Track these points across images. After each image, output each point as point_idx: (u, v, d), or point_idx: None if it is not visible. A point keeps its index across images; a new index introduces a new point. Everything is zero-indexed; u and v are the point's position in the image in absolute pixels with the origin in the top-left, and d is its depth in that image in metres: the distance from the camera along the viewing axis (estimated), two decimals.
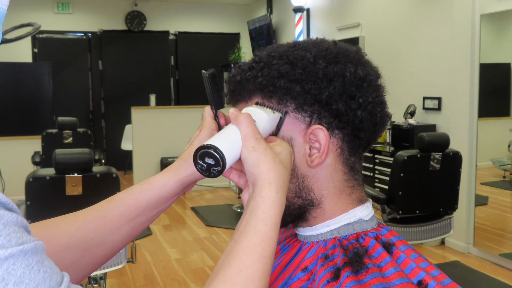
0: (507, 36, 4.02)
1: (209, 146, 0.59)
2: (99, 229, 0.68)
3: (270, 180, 0.58)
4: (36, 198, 2.33)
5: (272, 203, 0.57)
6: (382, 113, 0.71)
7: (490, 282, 2.70)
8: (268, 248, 0.56)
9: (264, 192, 0.58)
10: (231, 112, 0.64)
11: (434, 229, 3.00)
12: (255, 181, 0.59)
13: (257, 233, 0.56)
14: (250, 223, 0.57)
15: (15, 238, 0.40)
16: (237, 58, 7.97)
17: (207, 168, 0.60)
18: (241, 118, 0.62)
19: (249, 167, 0.60)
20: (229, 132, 0.62)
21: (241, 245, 0.55)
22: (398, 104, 4.63)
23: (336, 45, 0.71)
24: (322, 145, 0.66)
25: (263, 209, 0.57)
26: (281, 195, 0.59)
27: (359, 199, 0.72)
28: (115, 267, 2.47)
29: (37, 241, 0.42)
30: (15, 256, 0.39)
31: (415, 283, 0.62)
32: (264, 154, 0.59)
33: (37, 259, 0.41)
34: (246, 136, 0.61)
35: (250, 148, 0.60)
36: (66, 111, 7.06)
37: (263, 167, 0.59)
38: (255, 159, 0.59)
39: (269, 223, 0.56)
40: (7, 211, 0.42)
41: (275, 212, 0.57)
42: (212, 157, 0.59)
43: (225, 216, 5.22)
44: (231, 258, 0.55)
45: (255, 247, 0.55)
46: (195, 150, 0.60)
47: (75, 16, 7.75)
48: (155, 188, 0.70)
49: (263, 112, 0.66)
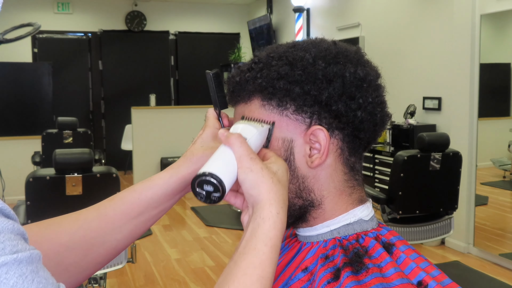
0: (507, 36, 4.02)
1: (206, 174, 0.58)
2: (101, 228, 0.68)
3: (271, 201, 0.58)
4: (36, 198, 2.33)
5: (272, 224, 0.57)
6: (382, 113, 0.70)
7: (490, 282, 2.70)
8: (267, 269, 0.55)
9: (265, 213, 0.57)
10: (220, 134, 0.62)
11: (434, 229, 3.00)
12: (254, 203, 0.59)
13: (256, 254, 0.55)
14: (249, 244, 0.56)
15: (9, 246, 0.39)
16: (237, 58, 7.97)
17: (207, 196, 0.59)
18: (232, 139, 0.61)
19: (247, 188, 0.59)
20: (223, 155, 0.61)
21: (240, 266, 0.55)
22: (398, 104, 4.63)
23: (335, 45, 0.71)
24: (322, 145, 0.66)
25: (264, 230, 0.56)
26: (282, 215, 0.58)
27: (359, 199, 0.72)
28: (115, 267, 2.47)
29: (33, 250, 0.42)
30: (8, 265, 0.39)
31: (415, 283, 0.62)
32: (262, 175, 0.59)
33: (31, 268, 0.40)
34: (240, 157, 0.60)
35: (246, 169, 0.59)
36: (66, 111, 7.06)
37: (262, 188, 0.58)
38: (253, 180, 0.58)
39: (269, 244, 0.56)
40: (4, 218, 0.41)
41: (276, 233, 0.57)
42: (210, 184, 0.58)
43: (225, 216, 5.22)
44: (230, 278, 0.54)
45: (254, 268, 0.54)
46: (192, 180, 0.59)
47: (75, 16, 7.75)
48: (157, 185, 0.70)
49: (252, 128, 0.65)
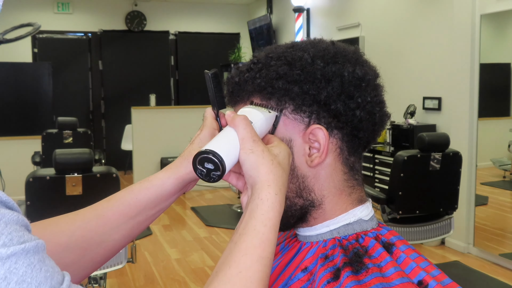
0: (507, 36, 4.02)
1: (208, 151, 0.59)
2: (99, 228, 0.68)
3: (269, 182, 0.58)
4: (36, 198, 2.33)
5: (271, 204, 0.57)
6: (381, 112, 0.71)
7: (490, 282, 2.70)
8: (267, 249, 0.56)
9: (263, 194, 0.58)
10: (227, 115, 0.64)
11: (434, 229, 3.00)
12: (253, 184, 0.59)
13: (256, 234, 0.56)
14: (249, 225, 0.57)
15: (16, 236, 0.40)
16: (237, 58, 7.97)
17: (207, 173, 0.60)
18: (237, 120, 0.62)
19: (247, 169, 0.60)
20: (227, 135, 0.62)
21: (240, 246, 0.55)
22: (398, 104, 4.63)
23: (334, 45, 0.71)
24: (321, 144, 0.66)
25: (262, 211, 0.57)
26: (280, 197, 0.58)
27: (359, 199, 0.72)
28: (115, 267, 2.47)
29: (38, 240, 0.42)
30: (17, 255, 0.39)
31: (415, 283, 0.62)
32: (262, 156, 0.59)
33: (38, 257, 0.41)
34: (243, 139, 0.61)
35: (248, 150, 0.60)
36: (66, 111, 7.06)
37: (261, 169, 0.59)
38: (253, 161, 0.59)
39: (268, 225, 0.56)
40: (8, 210, 0.42)
41: (274, 214, 0.57)
42: (211, 162, 0.59)
43: (225, 216, 5.22)
44: (231, 259, 0.55)
45: (254, 248, 0.55)
46: (194, 156, 0.60)
47: (75, 16, 7.75)
48: (155, 186, 0.70)
49: (259, 112, 0.66)
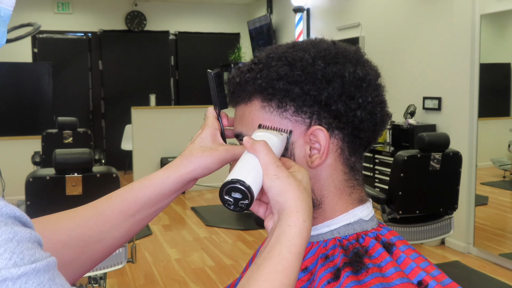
0: (507, 36, 4.02)
1: (234, 181, 0.58)
2: (98, 226, 0.68)
3: (298, 208, 0.58)
4: (36, 198, 2.33)
5: (298, 231, 0.57)
6: (382, 112, 0.70)
7: (490, 282, 2.70)
8: (290, 277, 0.55)
9: (291, 220, 0.57)
10: (245, 140, 0.63)
11: (434, 229, 3.00)
12: (281, 210, 0.58)
13: (280, 260, 0.55)
14: (274, 250, 0.56)
15: (28, 255, 0.40)
16: (237, 58, 7.97)
17: (235, 203, 0.59)
18: (258, 146, 0.61)
19: (274, 195, 0.59)
20: (249, 162, 0.61)
21: (263, 271, 0.55)
22: (398, 104, 4.63)
23: (335, 45, 0.71)
24: (322, 145, 0.66)
25: (289, 237, 0.56)
26: (308, 224, 0.58)
27: (359, 199, 0.72)
28: (115, 267, 2.47)
29: (50, 258, 0.42)
30: (27, 275, 0.39)
31: (415, 283, 0.62)
32: (288, 182, 0.59)
33: (48, 276, 0.41)
34: (266, 165, 0.60)
35: (272, 176, 0.59)
36: (66, 111, 7.06)
37: (289, 195, 0.58)
38: (279, 187, 0.59)
39: (293, 252, 0.56)
40: (21, 227, 0.42)
41: (301, 241, 0.57)
42: (238, 191, 0.59)
43: (225, 216, 5.21)
44: (252, 282, 0.54)
45: (277, 274, 0.54)
46: (221, 187, 0.60)
47: (75, 16, 7.75)
48: (155, 184, 0.70)
49: (273, 136, 0.66)
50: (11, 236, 0.40)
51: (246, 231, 4.62)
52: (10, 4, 0.47)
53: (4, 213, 0.42)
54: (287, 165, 0.64)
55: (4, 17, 0.47)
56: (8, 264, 0.39)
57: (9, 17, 0.47)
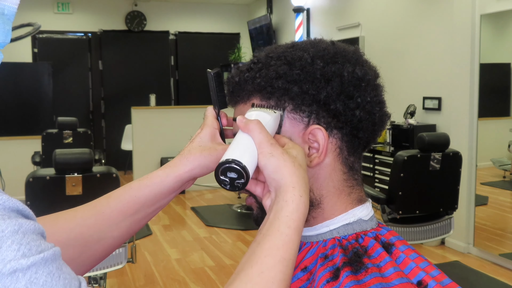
0: (507, 36, 4.02)
1: (229, 161, 0.59)
2: (98, 225, 0.69)
3: (294, 184, 0.58)
4: (36, 198, 2.33)
5: (296, 206, 0.57)
6: (381, 112, 0.70)
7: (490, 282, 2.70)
8: (290, 251, 0.56)
9: (288, 196, 0.58)
10: (239, 120, 0.63)
11: (434, 229, 3.00)
12: (277, 186, 0.59)
13: (279, 235, 0.56)
14: (273, 226, 0.57)
15: (35, 246, 0.41)
16: (237, 58, 7.97)
17: (231, 182, 0.60)
18: (251, 125, 0.62)
19: (270, 173, 0.60)
20: (243, 142, 0.62)
21: (263, 247, 0.55)
22: (398, 104, 4.63)
23: (334, 45, 0.71)
24: (320, 145, 0.66)
25: (287, 212, 0.57)
26: (305, 198, 0.58)
27: (358, 199, 0.72)
28: (115, 267, 2.47)
29: (55, 247, 0.43)
30: (36, 265, 0.40)
31: (415, 283, 0.62)
32: (283, 159, 0.59)
33: (56, 265, 0.42)
34: (261, 143, 0.61)
35: (267, 154, 0.60)
36: (66, 111, 7.06)
37: (284, 171, 0.59)
38: (275, 164, 0.59)
39: (292, 226, 0.56)
40: (24, 219, 0.42)
41: (299, 215, 0.57)
42: (234, 171, 0.59)
43: (225, 216, 5.22)
44: (253, 259, 0.55)
45: (277, 249, 0.55)
46: (216, 167, 0.60)
47: (75, 16, 7.75)
48: (154, 183, 0.70)
49: (266, 114, 0.66)
50: (16, 228, 0.40)
51: (246, 231, 4.62)
52: (14, 2, 0.48)
53: (7, 206, 0.42)
54: (281, 142, 0.65)
55: (8, 15, 0.48)
56: (17, 255, 0.39)
57: (14, 15, 0.48)
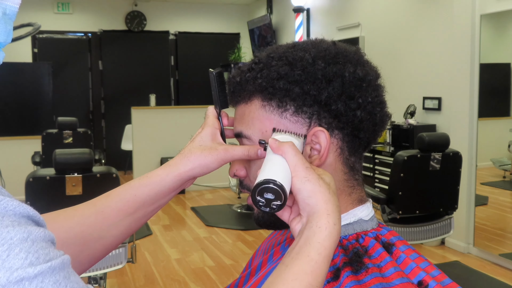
0: (507, 36, 4.02)
1: (268, 181, 0.58)
2: (97, 224, 0.69)
3: (329, 211, 0.57)
4: (36, 198, 2.33)
5: (328, 234, 0.56)
6: (382, 113, 0.70)
7: (490, 282, 2.70)
8: (318, 278, 0.55)
9: (322, 222, 0.57)
10: (271, 142, 0.62)
11: (434, 229, 3.00)
12: (311, 212, 0.58)
13: (309, 261, 0.55)
14: (303, 251, 0.56)
15: (43, 254, 0.40)
16: (237, 58, 7.97)
17: (267, 203, 0.59)
18: (286, 147, 0.60)
19: (304, 198, 0.58)
20: (278, 163, 0.60)
21: (292, 270, 0.55)
22: (398, 104, 4.63)
23: (335, 46, 0.71)
24: (322, 147, 0.66)
25: (319, 239, 0.56)
26: (338, 227, 0.58)
27: (359, 199, 0.72)
28: (115, 267, 2.47)
29: (64, 256, 0.43)
30: (43, 274, 0.40)
31: (415, 283, 0.62)
32: (319, 185, 0.58)
33: (63, 274, 0.41)
34: (296, 166, 0.59)
35: (303, 178, 0.59)
36: (66, 111, 7.05)
37: (319, 198, 0.58)
38: (310, 189, 0.58)
39: (322, 254, 0.56)
40: (34, 226, 0.42)
41: (330, 243, 0.56)
42: (271, 192, 0.58)
43: (225, 216, 5.22)
44: (279, 282, 0.54)
45: (305, 275, 0.54)
46: (253, 187, 0.59)
47: (75, 16, 7.75)
48: (154, 182, 0.70)
49: (293, 139, 0.65)
50: (25, 236, 0.40)
51: (246, 231, 4.62)
52: (16, 2, 0.48)
53: (17, 212, 0.42)
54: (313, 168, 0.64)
55: (10, 14, 0.48)
56: (24, 264, 0.39)
57: (15, 15, 0.48)
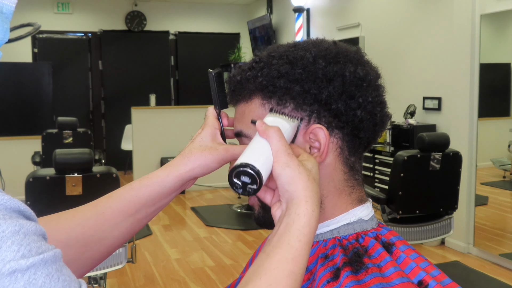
0: (507, 36, 4.02)
1: (244, 164, 0.58)
2: (99, 225, 0.69)
3: (307, 198, 0.58)
4: (36, 198, 2.33)
5: (307, 221, 0.57)
6: (382, 113, 0.71)
7: (490, 282, 2.70)
8: (299, 265, 0.55)
9: (300, 209, 0.57)
10: (258, 124, 0.62)
11: (434, 229, 3.00)
12: (290, 198, 0.59)
13: (290, 249, 0.55)
14: (283, 239, 0.56)
15: (35, 247, 0.41)
16: (237, 58, 7.97)
17: (243, 186, 0.59)
18: (271, 132, 0.61)
19: (283, 183, 0.59)
20: (260, 147, 0.61)
21: (273, 259, 0.55)
22: (398, 104, 4.63)
23: (335, 45, 0.71)
24: (322, 144, 0.66)
25: (298, 226, 0.57)
26: (316, 213, 0.58)
27: (359, 199, 0.72)
28: (115, 267, 2.47)
29: (56, 249, 0.43)
30: (36, 266, 0.40)
31: (415, 282, 0.62)
32: (299, 171, 0.59)
33: (56, 267, 0.42)
34: (278, 151, 0.60)
35: (283, 164, 0.59)
36: (66, 111, 7.06)
37: (298, 184, 0.58)
38: (289, 176, 0.58)
39: (302, 241, 0.56)
40: (26, 220, 0.42)
41: (310, 230, 0.57)
42: (247, 175, 0.58)
43: (225, 216, 5.22)
44: (262, 271, 0.55)
45: (287, 262, 0.55)
46: (230, 169, 0.59)
47: (75, 16, 7.75)
48: (154, 183, 0.70)
49: (284, 122, 0.65)
50: (17, 229, 0.40)
51: (246, 231, 4.62)
52: (12, 1, 0.48)
53: (8, 207, 0.42)
54: (296, 152, 0.64)
55: (6, 13, 0.48)
56: (16, 256, 0.39)
57: (12, 14, 0.48)
